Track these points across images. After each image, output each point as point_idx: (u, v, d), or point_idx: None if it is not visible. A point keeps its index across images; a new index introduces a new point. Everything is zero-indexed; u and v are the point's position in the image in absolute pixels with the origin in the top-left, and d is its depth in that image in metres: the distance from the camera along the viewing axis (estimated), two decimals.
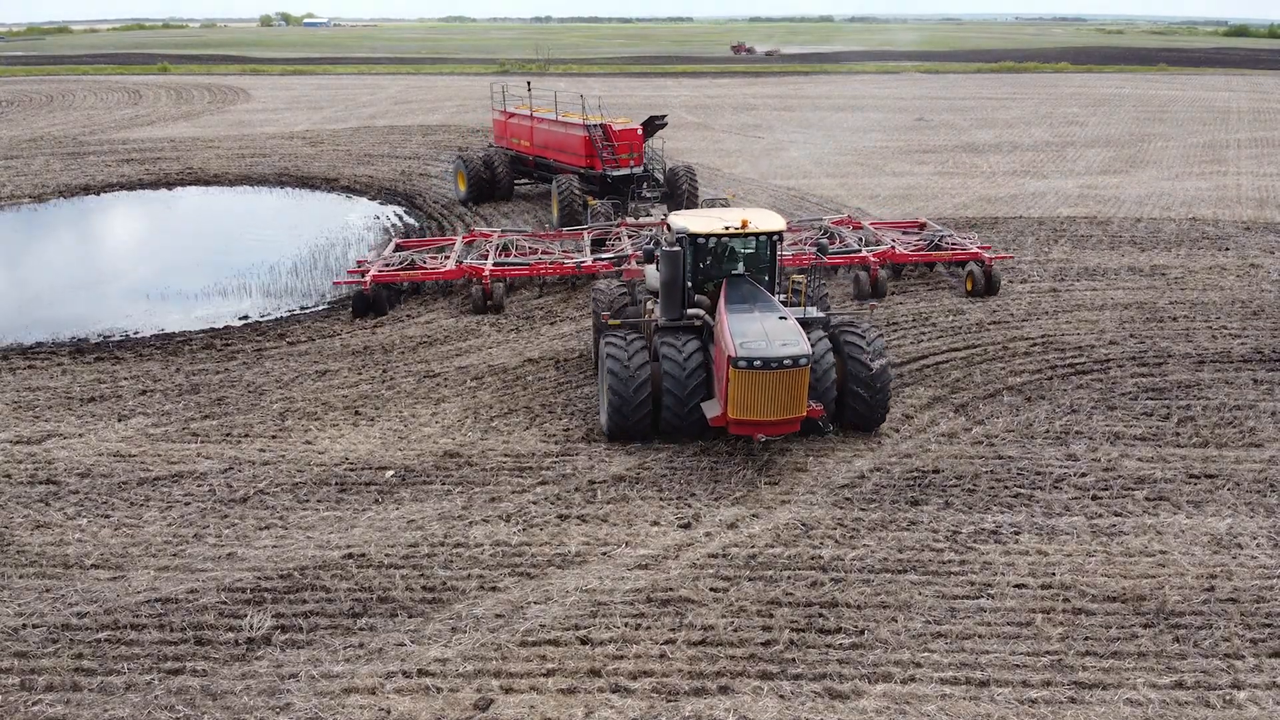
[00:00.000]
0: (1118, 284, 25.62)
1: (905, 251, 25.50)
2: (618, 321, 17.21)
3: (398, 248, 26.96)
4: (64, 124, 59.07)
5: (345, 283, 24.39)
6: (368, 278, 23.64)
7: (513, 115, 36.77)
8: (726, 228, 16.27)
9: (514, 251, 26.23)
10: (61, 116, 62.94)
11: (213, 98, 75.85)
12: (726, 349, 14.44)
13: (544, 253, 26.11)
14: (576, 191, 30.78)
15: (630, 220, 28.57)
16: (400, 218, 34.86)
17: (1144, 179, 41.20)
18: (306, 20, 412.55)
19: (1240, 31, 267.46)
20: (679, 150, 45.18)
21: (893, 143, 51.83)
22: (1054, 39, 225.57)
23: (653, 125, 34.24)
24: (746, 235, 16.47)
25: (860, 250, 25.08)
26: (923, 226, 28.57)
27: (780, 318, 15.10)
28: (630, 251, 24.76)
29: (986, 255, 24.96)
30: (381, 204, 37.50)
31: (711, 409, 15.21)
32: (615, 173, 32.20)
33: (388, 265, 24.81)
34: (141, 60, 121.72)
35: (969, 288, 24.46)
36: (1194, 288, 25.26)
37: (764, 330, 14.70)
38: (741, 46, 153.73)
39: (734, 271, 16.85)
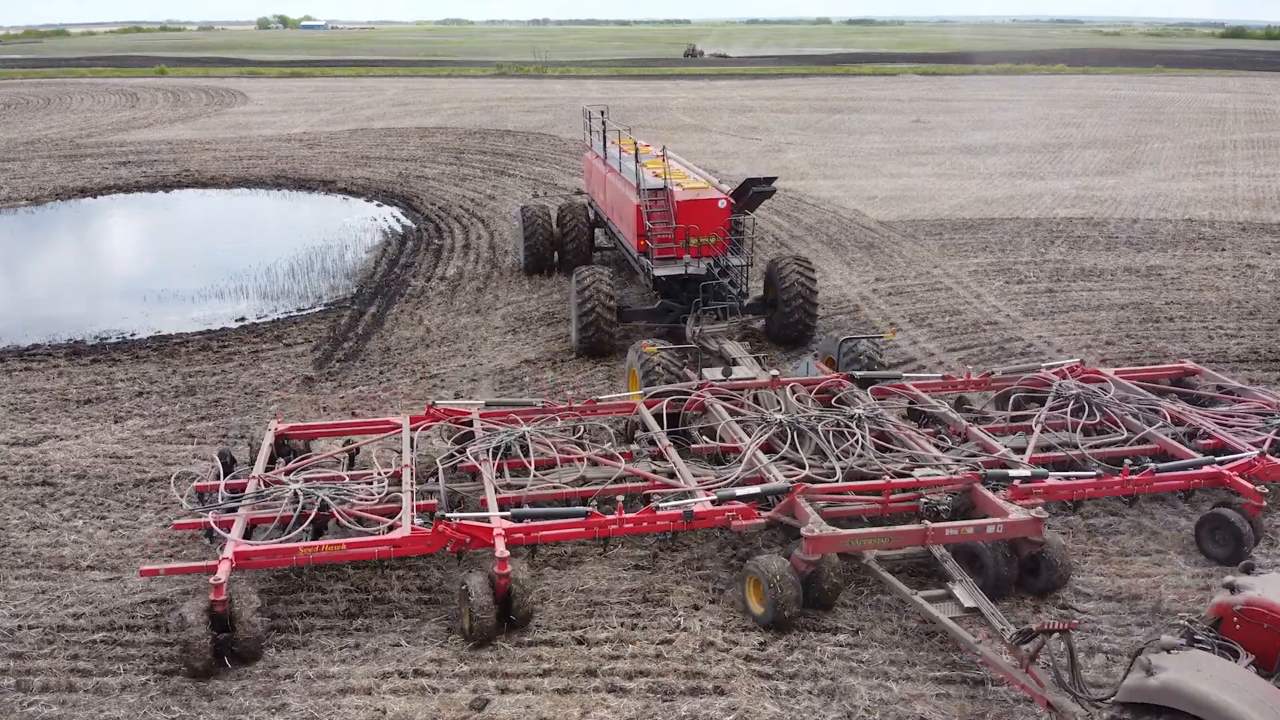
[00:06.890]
0: (1114, 285, 25.65)
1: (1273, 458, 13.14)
2: None
3: (279, 441, 13.84)
4: (61, 126, 59.04)
5: (169, 571, 11.26)
6: (223, 559, 10.60)
7: (599, 156, 25.48)
8: None
9: (531, 456, 13.05)
10: (59, 119, 62.91)
11: (210, 100, 75.83)
12: None
13: (589, 461, 13.20)
14: (605, 294, 19.13)
15: (716, 379, 15.54)
16: (398, 219, 34.87)
17: (1140, 180, 41.26)
18: (304, 23, 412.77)
19: (1237, 33, 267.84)
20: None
21: (889, 144, 51.87)
22: (1051, 40, 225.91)
23: (751, 193, 20.20)
24: None
25: (1201, 462, 13.16)
26: (1192, 373, 17.02)
27: None
28: (773, 477, 12.41)
29: None
30: (379, 205, 37.52)
31: None
32: (664, 270, 19.61)
33: (262, 505, 11.98)
34: (139, 63, 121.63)
35: None
36: (1190, 288, 25.30)
37: None
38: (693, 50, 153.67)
39: None
